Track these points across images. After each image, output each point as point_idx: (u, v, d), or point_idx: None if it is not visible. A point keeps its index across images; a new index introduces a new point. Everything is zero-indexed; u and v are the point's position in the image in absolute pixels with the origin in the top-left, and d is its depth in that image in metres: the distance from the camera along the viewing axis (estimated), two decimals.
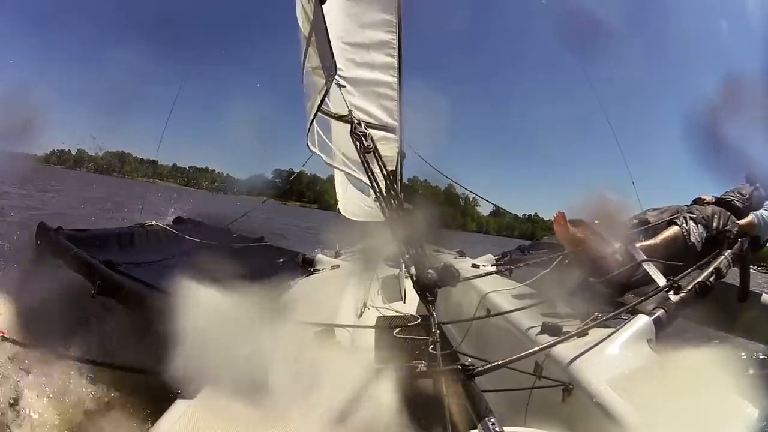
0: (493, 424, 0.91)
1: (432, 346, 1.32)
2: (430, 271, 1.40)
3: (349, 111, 2.16)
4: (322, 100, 2.19)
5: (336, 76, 2.22)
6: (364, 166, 1.91)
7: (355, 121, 2.02)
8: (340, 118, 2.21)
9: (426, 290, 1.40)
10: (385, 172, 1.91)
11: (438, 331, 1.37)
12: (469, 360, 1.12)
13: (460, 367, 1.10)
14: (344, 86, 2.41)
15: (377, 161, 1.95)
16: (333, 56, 2.16)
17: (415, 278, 1.44)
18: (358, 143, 1.95)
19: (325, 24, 2.12)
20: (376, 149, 1.99)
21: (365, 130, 1.99)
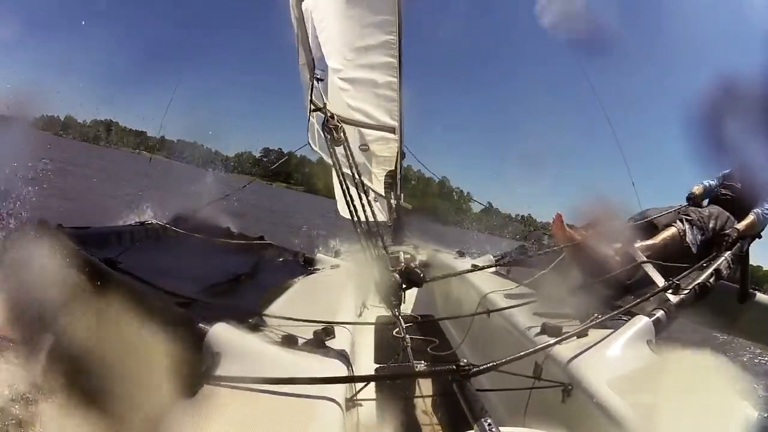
0: (489, 425, 0.90)
1: (401, 349, 1.32)
2: (395, 275, 1.38)
3: (324, 104, 2.19)
4: (311, 95, 2.23)
5: (316, 70, 2.29)
6: (332, 161, 1.93)
7: (328, 114, 2.03)
8: (316, 110, 2.25)
9: (389, 293, 1.38)
10: (355, 170, 1.93)
11: (406, 335, 1.35)
12: (465, 360, 1.12)
13: (455, 367, 1.09)
14: (322, 80, 2.47)
15: (348, 158, 1.96)
16: (311, 52, 2.22)
17: (377, 281, 1.42)
18: (328, 135, 1.96)
19: (304, 21, 2.16)
20: (347, 144, 2.01)
21: (337, 123, 2.01)
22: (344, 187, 1.78)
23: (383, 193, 4.20)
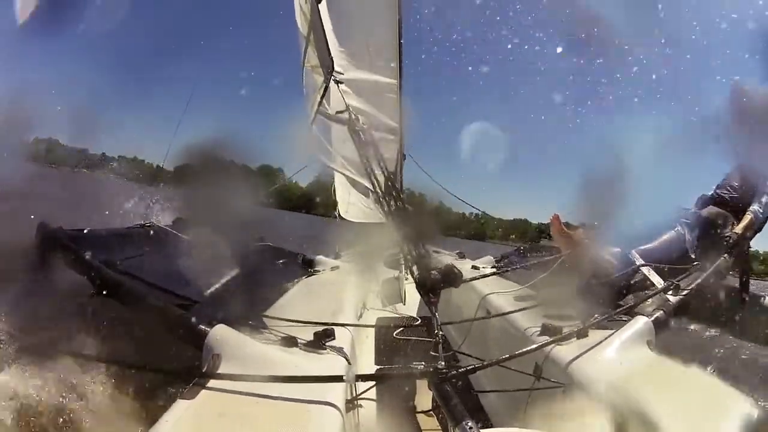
0: (470, 428, 0.89)
1: (433, 348, 1.32)
2: (433, 272, 1.40)
3: (347, 106, 2.18)
4: (322, 97, 2.21)
5: (334, 73, 2.25)
6: (363, 161, 1.92)
7: (353, 116, 2.02)
8: (338, 113, 2.22)
9: (428, 291, 1.40)
10: (385, 170, 1.91)
11: (441, 333, 1.36)
12: (442, 363, 1.11)
13: (432, 369, 1.08)
14: (341, 83, 2.44)
15: (377, 158, 1.95)
16: (330, 53, 2.20)
17: (417, 279, 1.44)
18: (356, 137, 1.96)
19: (322, 23, 2.15)
20: (375, 145, 2.00)
21: (363, 126, 2.00)
22: (377, 188, 1.78)
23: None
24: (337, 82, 2.31)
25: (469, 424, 0.89)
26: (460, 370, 1.13)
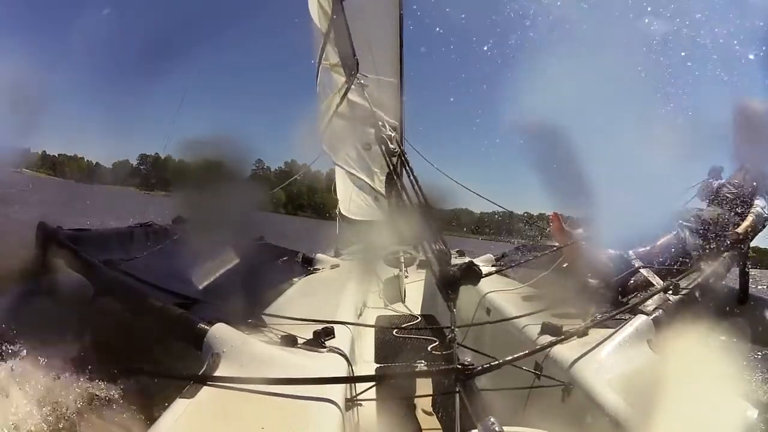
0: (492, 423, 0.90)
1: (448, 344, 1.33)
2: (453, 268, 1.41)
3: (373, 111, 2.15)
4: (343, 98, 2.18)
5: (358, 75, 2.22)
6: (388, 167, 1.91)
7: (380, 123, 2.01)
8: (365, 119, 2.19)
9: (449, 287, 1.41)
10: (412, 176, 1.90)
11: (456, 329, 1.37)
12: (468, 359, 1.12)
13: (460, 366, 1.09)
14: (367, 85, 2.39)
15: (402, 162, 1.95)
16: (355, 53, 2.16)
17: (438, 275, 1.45)
18: (383, 146, 1.95)
19: (346, 21, 2.11)
20: (402, 150, 1.99)
21: (390, 133, 1.99)
22: (399, 185, 1.79)
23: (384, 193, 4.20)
24: (363, 85, 2.27)
25: (492, 420, 0.90)
26: (484, 366, 1.14)
